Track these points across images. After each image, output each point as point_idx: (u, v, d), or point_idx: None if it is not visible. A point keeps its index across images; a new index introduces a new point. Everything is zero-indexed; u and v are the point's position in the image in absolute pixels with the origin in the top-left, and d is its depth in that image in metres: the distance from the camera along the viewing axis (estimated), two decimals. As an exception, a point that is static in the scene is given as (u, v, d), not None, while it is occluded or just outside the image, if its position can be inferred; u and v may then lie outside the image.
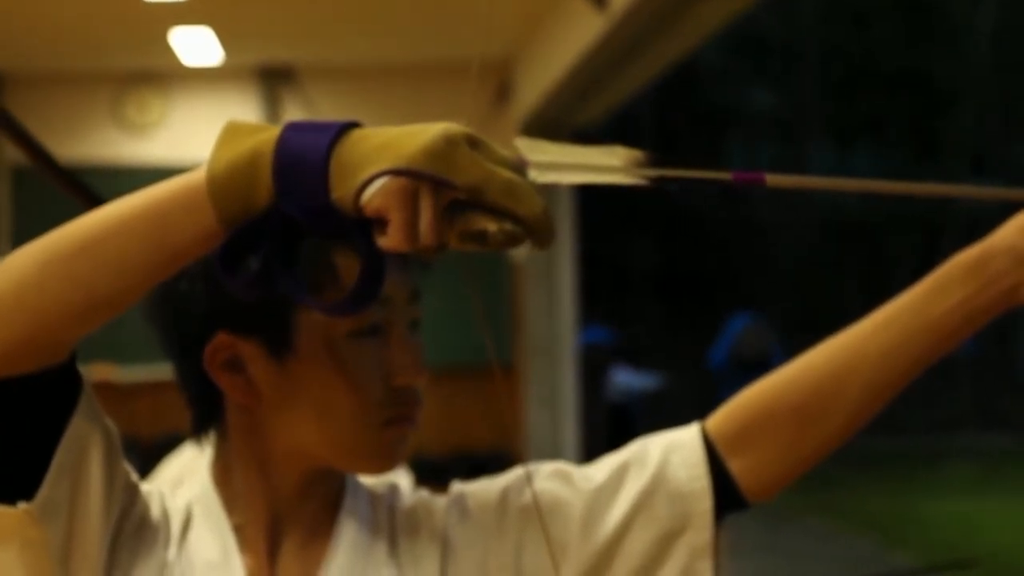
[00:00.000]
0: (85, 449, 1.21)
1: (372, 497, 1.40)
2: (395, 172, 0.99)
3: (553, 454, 8.49)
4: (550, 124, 8.46)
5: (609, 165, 1.10)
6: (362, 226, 1.02)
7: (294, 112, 8.69)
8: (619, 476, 1.36)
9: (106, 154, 8.43)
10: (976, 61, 23.05)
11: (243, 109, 8.60)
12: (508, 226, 1.01)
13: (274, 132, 1.05)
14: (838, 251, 23.61)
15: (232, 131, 1.07)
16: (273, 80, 8.74)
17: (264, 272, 1.07)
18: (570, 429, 8.69)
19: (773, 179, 1.12)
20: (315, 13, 7.61)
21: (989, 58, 23.06)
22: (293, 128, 1.05)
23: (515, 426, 8.66)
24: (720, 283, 22.44)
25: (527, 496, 1.36)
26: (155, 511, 1.33)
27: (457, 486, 1.42)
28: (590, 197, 12.49)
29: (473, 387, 8.36)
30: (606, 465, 1.39)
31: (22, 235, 9.50)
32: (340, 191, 1.01)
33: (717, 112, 25.12)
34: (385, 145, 1.01)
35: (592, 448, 12.75)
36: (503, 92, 8.80)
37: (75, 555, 1.22)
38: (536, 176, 1.07)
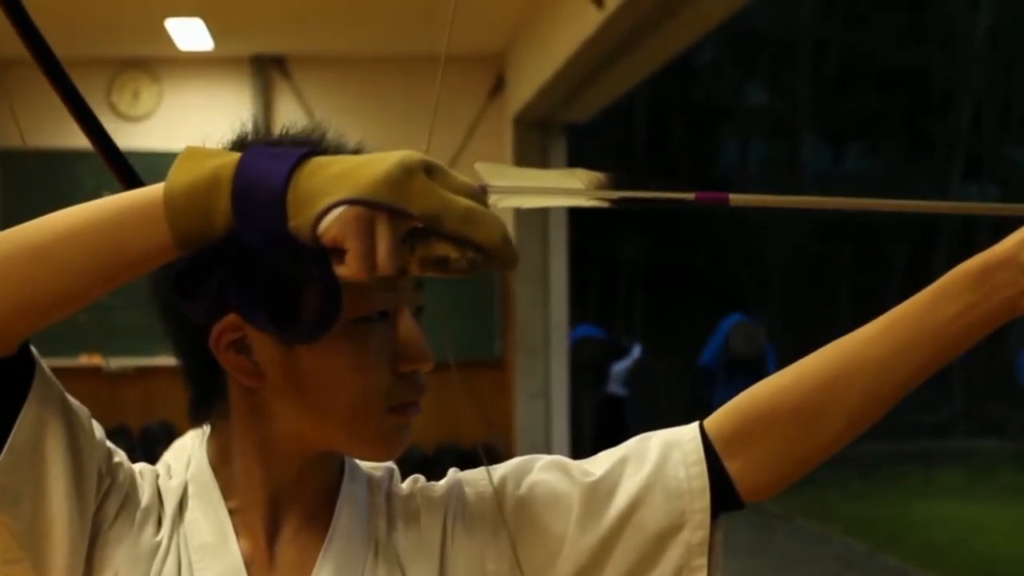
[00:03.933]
0: (40, 435, 1.20)
1: (370, 481, 1.40)
2: (351, 202, 1.00)
3: (543, 448, 8.50)
4: (543, 119, 8.48)
5: (571, 188, 1.11)
6: (320, 254, 1.03)
7: (287, 103, 8.70)
8: (618, 471, 1.36)
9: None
10: (972, 60, 23.10)
11: (235, 99, 8.61)
12: (470, 252, 1.01)
13: (234, 158, 1.05)
14: (830, 250, 23.67)
15: (192, 154, 1.08)
16: (265, 71, 8.75)
17: (221, 296, 1.08)
18: (560, 423, 8.72)
19: (736, 199, 1.13)
20: (308, 4, 7.61)
21: (985, 58, 23.11)
22: (253, 155, 1.05)
23: (504, 420, 8.68)
24: (712, 282, 22.49)
25: (524, 488, 1.36)
26: (147, 492, 1.32)
27: (455, 473, 1.42)
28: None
29: (463, 381, 8.37)
30: (605, 459, 1.38)
31: (10, 216, 9.49)
32: (297, 220, 1.02)
33: (711, 109, 25.18)
34: (342, 174, 1.01)
35: (581, 442, 12.79)
36: (497, 86, 8.81)
37: (44, 540, 1.22)
38: (497, 201, 1.09)
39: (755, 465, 1.34)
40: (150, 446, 8.55)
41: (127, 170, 1.34)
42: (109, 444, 1.30)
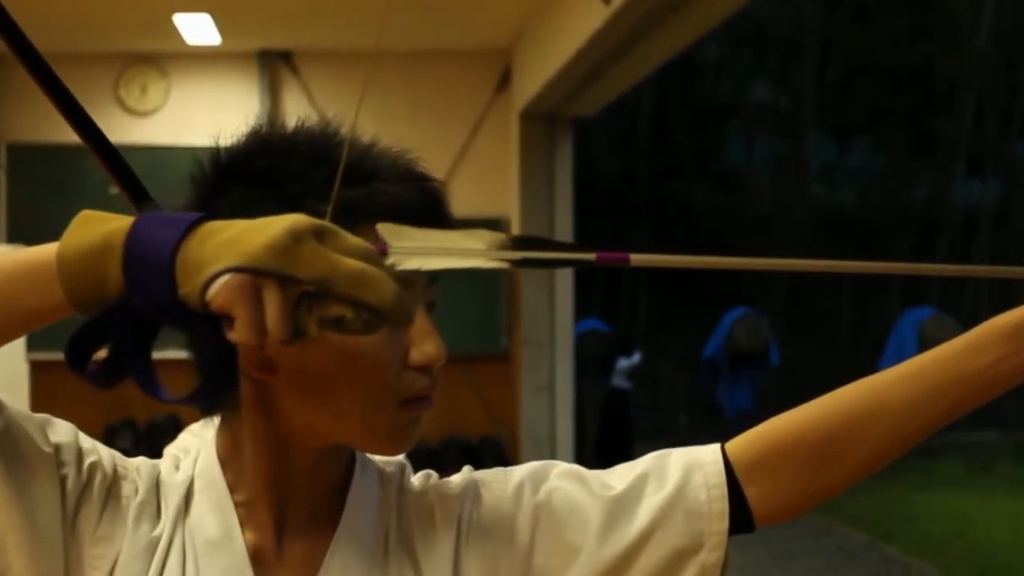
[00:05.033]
0: None
1: (381, 476, 1.40)
2: (236, 270, 1.00)
3: (548, 441, 8.52)
4: (550, 113, 8.48)
5: (472, 249, 1.12)
6: (211, 321, 1.03)
7: (294, 98, 8.71)
8: (638, 487, 1.37)
9: (107, 136, 8.46)
10: (976, 57, 23.08)
11: (243, 94, 8.63)
12: (364, 313, 1.01)
13: (126, 223, 1.06)
14: (835, 246, 23.65)
15: (86, 219, 1.08)
16: (273, 65, 8.77)
17: (112, 361, 1.08)
18: (565, 416, 8.72)
19: (637, 258, 1.13)
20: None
21: (989, 54, 23.08)
22: (145, 221, 1.05)
23: (510, 413, 8.69)
24: (716, 275, 22.47)
25: (542, 494, 1.37)
26: (142, 487, 1.32)
27: (470, 472, 1.42)
28: (587, 189, 12.47)
29: (468, 374, 8.39)
30: (623, 473, 1.39)
31: (17, 209, 9.45)
32: (186, 288, 1.02)
33: (716, 105, 25.15)
34: (230, 241, 1.02)
35: (586, 435, 12.77)
36: (504, 80, 8.82)
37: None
38: (395, 262, 1.10)
39: (774, 493, 1.36)
40: (156, 439, 8.56)
41: (120, 165, 1.33)
42: (85, 445, 1.30)
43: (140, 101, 8.69)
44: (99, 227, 1.06)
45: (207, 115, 8.33)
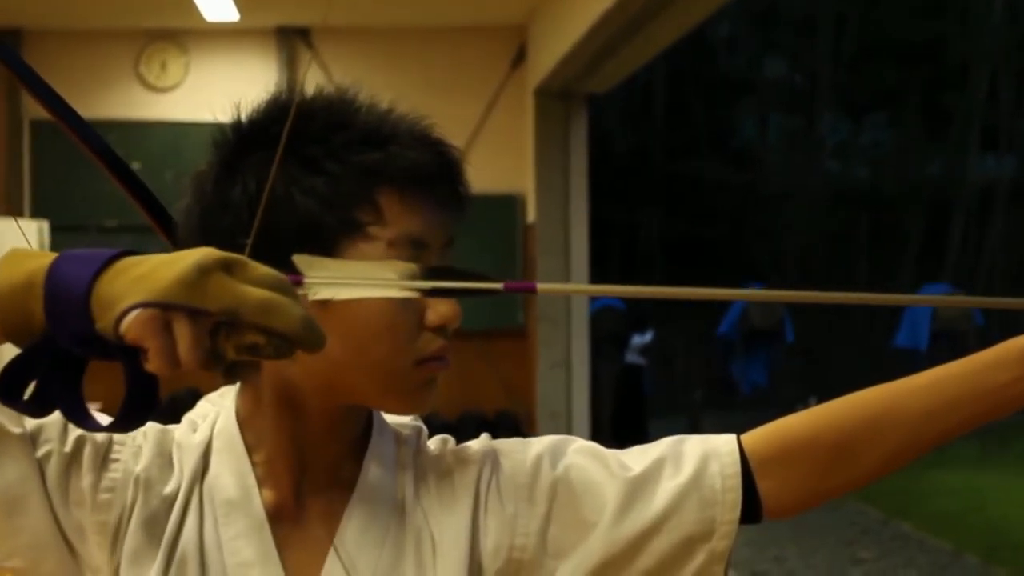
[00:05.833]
0: None
1: (398, 437, 1.44)
2: (144, 305, 1.04)
3: (564, 416, 8.56)
4: (565, 90, 8.50)
5: (384, 278, 1.16)
6: (129, 352, 1.06)
7: (311, 74, 8.73)
8: (656, 471, 1.40)
9: (126, 112, 8.51)
10: (989, 32, 22.99)
11: (261, 70, 8.66)
12: (275, 339, 1.05)
13: (48, 260, 1.09)
14: (848, 222, 23.63)
15: (13, 256, 1.12)
16: (290, 42, 8.79)
17: (41, 393, 1.11)
18: (581, 392, 8.75)
19: (543, 288, 1.17)
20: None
21: (1002, 30, 22.99)
22: (63, 259, 1.09)
23: (526, 389, 8.73)
24: (730, 253, 22.48)
25: (560, 468, 1.40)
26: (147, 451, 1.37)
27: (488, 440, 1.45)
28: (600, 166, 12.48)
29: (484, 350, 8.43)
30: (640, 456, 1.42)
31: (41, 185, 9.47)
32: (102, 323, 1.05)
33: (729, 82, 25.09)
34: (141, 277, 1.05)
35: (601, 411, 12.76)
36: (519, 57, 8.84)
37: None
38: (308, 291, 1.13)
39: (786, 488, 1.40)
40: (178, 413, 8.62)
41: (145, 193, 1.35)
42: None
43: (160, 77, 8.73)
44: (25, 264, 1.09)
45: (226, 91, 8.29)
